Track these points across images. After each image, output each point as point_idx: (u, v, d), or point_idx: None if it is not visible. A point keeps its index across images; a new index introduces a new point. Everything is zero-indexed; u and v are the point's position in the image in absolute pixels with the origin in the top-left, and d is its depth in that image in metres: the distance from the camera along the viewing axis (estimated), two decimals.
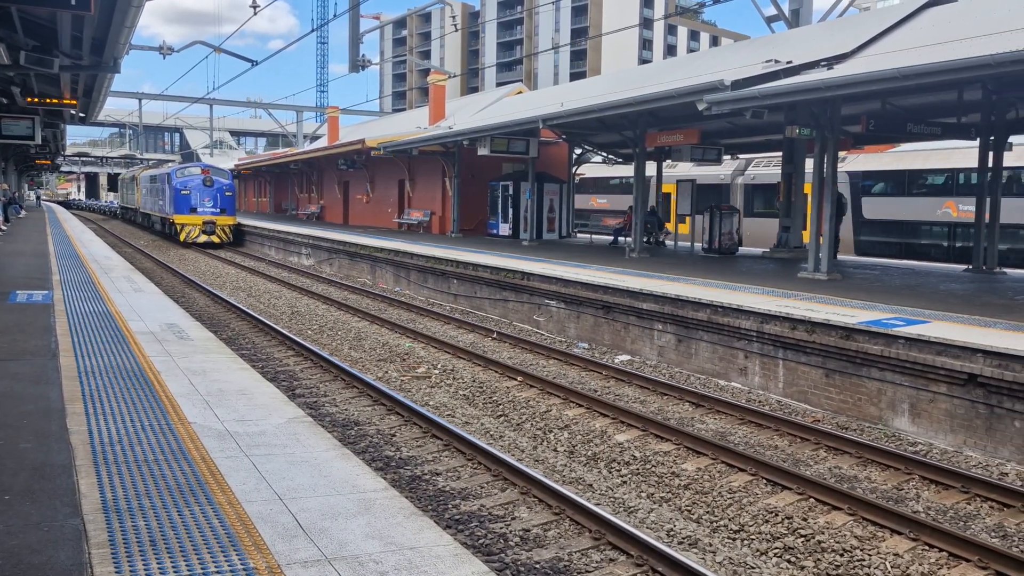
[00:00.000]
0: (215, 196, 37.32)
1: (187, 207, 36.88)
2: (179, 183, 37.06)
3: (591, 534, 6.70)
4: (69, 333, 9.74)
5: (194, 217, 37.00)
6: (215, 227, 37.17)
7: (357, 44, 30.62)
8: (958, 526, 7.17)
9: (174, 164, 46.79)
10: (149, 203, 45.99)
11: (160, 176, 41.69)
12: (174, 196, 36.94)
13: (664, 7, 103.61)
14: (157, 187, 42.35)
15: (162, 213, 40.35)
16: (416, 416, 9.85)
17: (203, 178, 37.31)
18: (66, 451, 5.52)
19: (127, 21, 13.39)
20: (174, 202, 36.99)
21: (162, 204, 40.19)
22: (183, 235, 36.63)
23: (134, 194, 53.71)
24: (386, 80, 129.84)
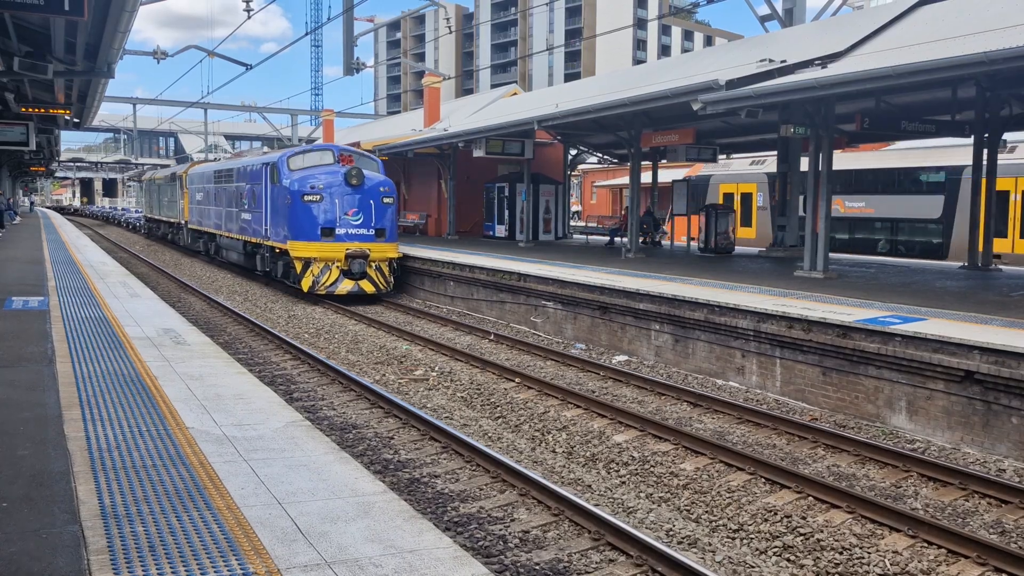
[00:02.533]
0: (367, 205, 20.26)
1: (314, 226, 19.88)
2: (297, 181, 20.12)
3: (590, 535, 6.70)
4: (65, 339, 9.72)
5: (330, 246, 19.86)
6: (367, 264, 19.98)
7: (351, 47, 30.61)
8: (956, 523, 7.19)
9: (283, 150, 24.32)
10: (213, 217, 28.34)
11: (247, 170, 23.91)
12: (289, 206, 20.18)
13: (658, 7, 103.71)
14: (238, 190, 24.68)
15: (252, 236, 23.28)
16: (414, 419, 9.84)
17: (345, 172, 20.06)
18: (64, 457, 5.50)
19: (121, 26, 13.36)
20: (288, 217, 20.25)
21: (251, 220, 23.37)
22: (307, 280, 19.77)
23: (176, 201, 36.24)
24: (381, 83, 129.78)
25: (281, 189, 20.59)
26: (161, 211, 41.94)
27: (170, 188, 38.45)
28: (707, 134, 23.28)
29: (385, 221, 20.53)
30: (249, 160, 24.81)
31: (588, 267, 17.96)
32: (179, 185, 35.37)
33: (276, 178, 21.00)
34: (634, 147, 20.89)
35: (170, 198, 38.67)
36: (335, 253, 19.83)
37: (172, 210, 38.05)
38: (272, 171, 21.42)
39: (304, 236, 19.92)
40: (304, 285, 19.91)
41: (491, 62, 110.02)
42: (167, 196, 39.50)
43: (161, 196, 41.67)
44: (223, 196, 26.88)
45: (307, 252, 19.85)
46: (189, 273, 27.62)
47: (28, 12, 11.60)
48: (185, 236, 34.83)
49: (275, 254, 21.70)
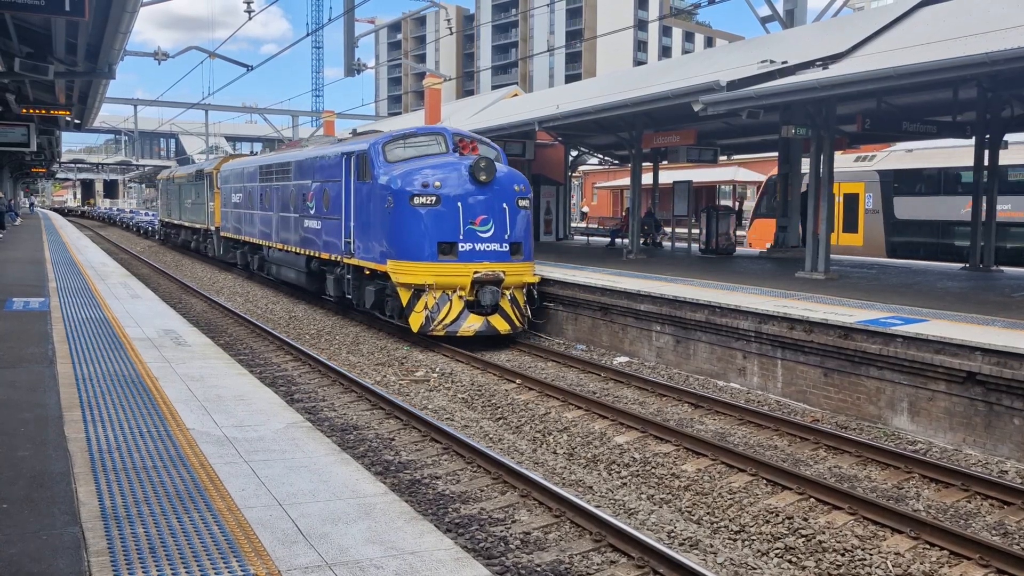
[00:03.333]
0: (499, 210, 14.74)
1: (429, 240, 14.39)
2: (401, 177, 14.63)
3: (592, 536, 6.68)
4: (66, 340, 9.71)
5: (451, 268, 14.34)
6: (500, 292, 14.45)
7: (352, 48, 30.61)
8: (959, 524, 7.17)
9: (368, 134, 19.31)
10: (259, 224, 22.84)
11: (315, 163, 18.38)
12: (391, 212, 14.62)
13: (659, 9, 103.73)
14: (299, 189, 19.24)
15: (321, 251, 17.80)
16: (415, 420, 9.83)
17: (469, 164, 14.54)
18: (64, 459, 5.49)
19: (122, 27, 13.37)
20: (388, 227, 14.72)
21: (321, 230, 17.80)
22: (417, 316, 14.24)
23: (204, 204, 30.22)
24: (381, 84, 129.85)
25: (375, 188, 14.81)
26: (183, 215, 35.31)
27: (195, 188, 32.09)
28: (708, 135, 23.27)
29: (522, 231, 14.78)
30: (316, 151, 18.66)
31: (589, 268, 17.95)
32: (207, 184, 29.45)
33: (366, 173, 15.27)
34: (635, 148, 20.88)
35: (195, 200, 31.96)
36: (458, 278, 13.94)
37: (198, 214, 31.78)
38: (359, 164, 15.58)
39: (413, 254, 14.08)
40: (413, 323, 14.06)
41: (492, 63, 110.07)
42: (191, 197, 32.93)
43: (183, 197, 34.85)
44: (274, 198, 21.24)
45: (417, 277, 13.91)
46: (190, 274, 27.62)
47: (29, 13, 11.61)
48: (216, 246, 28.84)
49: (363, 277, 15.86)
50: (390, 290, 14.84)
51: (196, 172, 32.50)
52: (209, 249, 30.60)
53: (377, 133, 18.04)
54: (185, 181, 34.46)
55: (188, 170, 35.26)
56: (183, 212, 35.37)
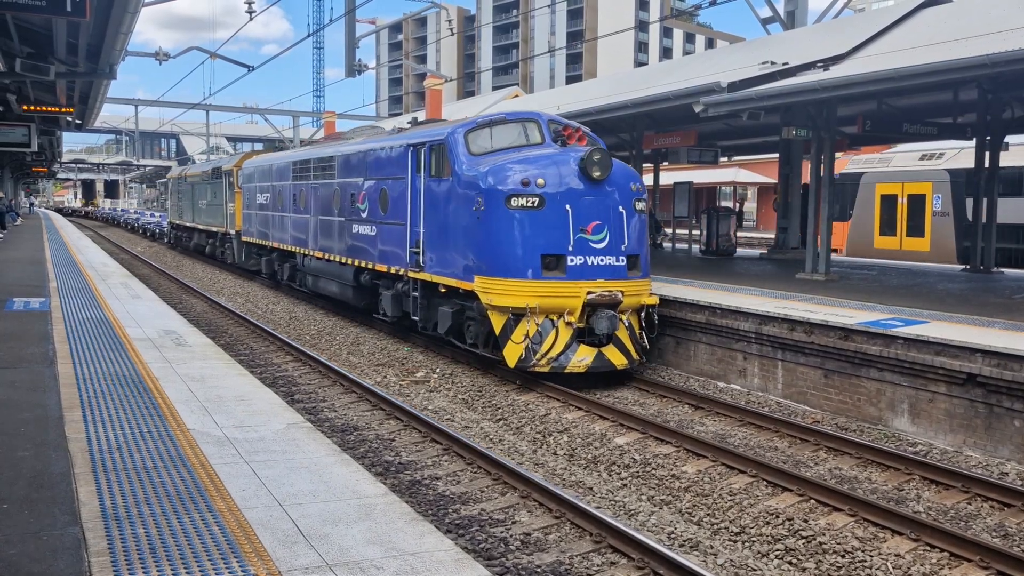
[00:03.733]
0: (615, 214, 11.90)
1: (530, 253, 11.51)
2: (493, 173, 11.83)
3: (592, 537, 6.68)
4: (67, 340, 9.72)
5: (558, 287, 11.43)
6: (617, 317, 11.58)
7: (353, 48, 30.62)
8: (959, 526, 7.16)
9: (442, 122, 16.11)
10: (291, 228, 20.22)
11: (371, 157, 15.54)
12: (481, 217, 11.81)
13: (660, 10, 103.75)
14: (347, 189, 16.63)
15: (378, 262, 15.13)
16: (415, 420, 9.83)
17: (580, 158, 11.68)
18: (64, 459, 5.50)
19: (123, 27, 13.38)
20: (477, 235, 11.94)
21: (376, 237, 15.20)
22: (515, 347, 11.34)
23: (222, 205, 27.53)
24: (382, 84, 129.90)
25: (458, 187, 12.18)
26: (196, 217, 32.16)
27: (211, 188, 29.21)
28: (709, 136, 23.27)
29: (640, 241, 12.10)
30: (369, 143, 15.71)
31: None
32: (226, 184, 26.89)
33: (443, 168, 12.56)
34: (636, 149, 20.89)
35: (211, 200, 29.22)
36: (566, 299, 11.32)
37: (214, 216, 28.92)
38: (433, 157, 12.89)
39: (510, 269, 11.41)
40: (510, 356, 11.37)
41: (492, 64, 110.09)
42: (205, 198, 30.08)
43: (196, 198, 31.84)
44: (311, 198, 18.53)
45: (516, 298, 11.23)
46: (190, 275, 27.62)
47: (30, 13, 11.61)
48: (236, 252, 26.19)
49: (434, 295, 13.24)
50: (475, 313, 12.09)
51: (213, 170, 29.37)
52: (227, 255, 27.75)
53: (444, 122, 15.11)
54: (199, 180, 31.40)
55: (203, 168, 32.18)
56: (196, 214, 32.14)
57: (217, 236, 29.25)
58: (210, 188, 29.48)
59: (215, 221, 29.04)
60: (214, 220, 29.20)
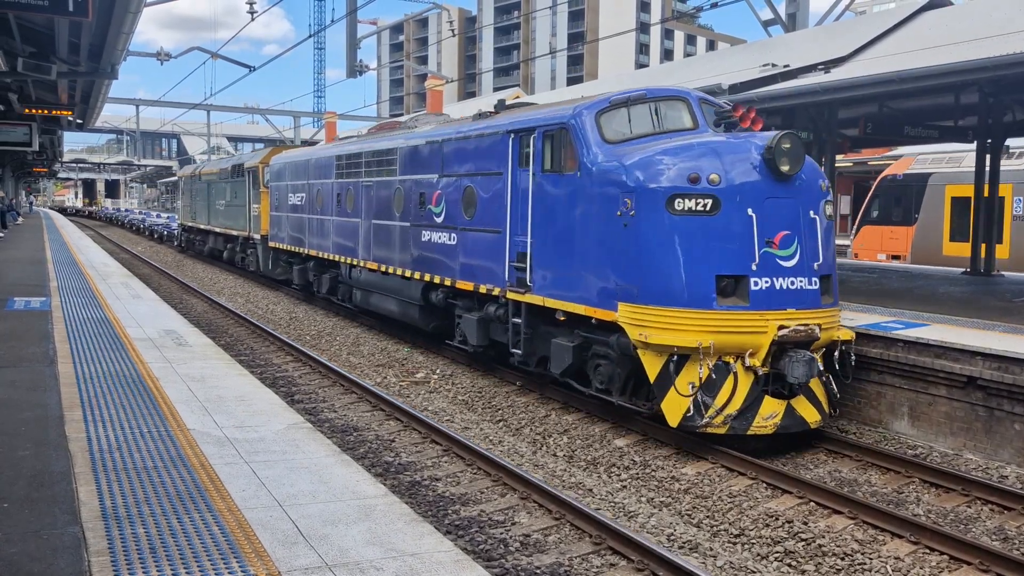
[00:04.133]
0: (806, 222, 8.93)
1: (700, 271, 8.62)
2: (642, 166, 8.93)
3: (591, 539, 6.69)
4: (67, 340, 9.72)
5: (740, 318, 8.47)
6: (815, 359, 8.58)
7: (354, 49, 30.62)
8: (959, 529, 7.16)
9: (562, 103, 11.08)
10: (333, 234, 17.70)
11: (465, 146, 12.24)
12: (629, 224, 8.89)
13: (661, 11, 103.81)
14: (413, 189, 13.84)
15: (458, 278, 12.33)
16: (415, 421, 9.84)
17: (763, 147, 8.76)
18: (65, 458, 5.50)
19: (125, 27, 13.40)
20: (620, 248, 9.04)
21: (457, 247, 12.40)
22: (679, 399, 8.50)
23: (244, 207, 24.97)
24: (383, 85, 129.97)
25: (590, 183, 9.49)
26: (212, 219, 29.32)
27: (230, 187, 26.49)
28: None
29: (831, 255, 9.48)
30: (447, 131, 12.92)
31: None
32: (249, 182, 24.20)
33: (564, 160, 9.92)
34: None
35: (231, 201, 26.52)
36: (750, 335, 8.56)
37: (234, 218, 26.13)
38: (548, 146, 10.24)
39: (672, 296, 8.69)
40: (671, 411, 8.69)
41: (494, 65, 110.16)
42: (224, 198, 27.38)
43: (213, 198, 29.03)
44: (362, 199, 15.89)
45: (681, 334, 8.53)
46: (191, 275, 27.63)
47: (32, 13, 11.63)
48: (261, 259, 23.33)
49: (551, 326, 10.41)
50: (610, 350, 9.34)
51: (233, 167, 26.54)
52: (250, 262, 25.02)
53: (536, 106, 11.98)
54: (216, 178, 28.53)
55: (221, 165, 29.11)
56: (213, 216, 29.36)
57: (237, 241, 26.45)
58: (229, 187, 26.72)
59: (235, 224, 26.15)
60: (234, 223, 26.31)
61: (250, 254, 25.01)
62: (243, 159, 26.89)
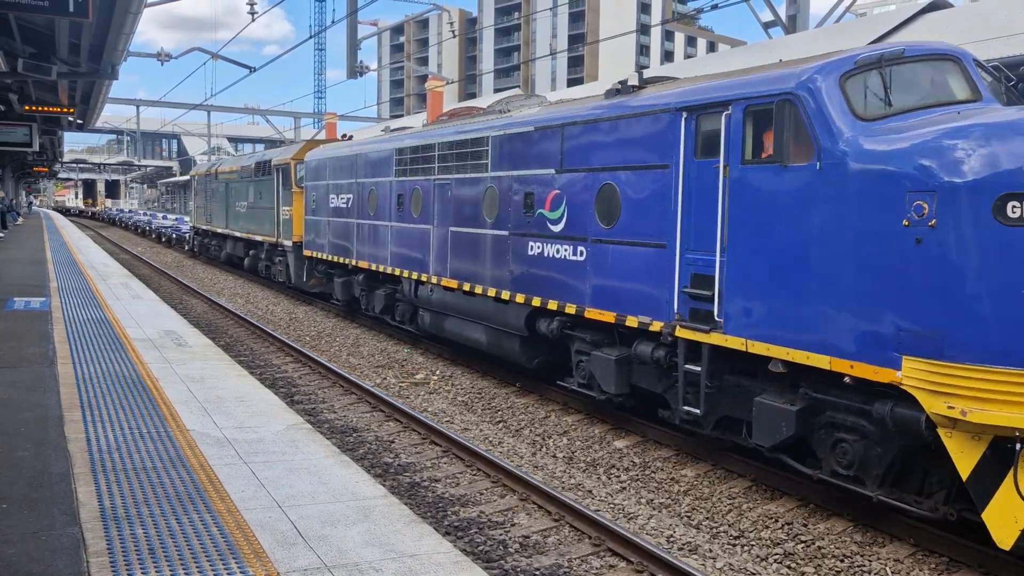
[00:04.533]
0: None
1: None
2: (939, 148, 6.01)
3: (591, 540, 6.68)
4: (67, 340, 9.72)
5: None
6: None
7: (355, 50, 30.66)
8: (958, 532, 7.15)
9: (788, 61, 7.74)
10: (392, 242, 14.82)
11: (601, 131, 9.45)
12: (926, 242, 5.99)
13: (661, 13, 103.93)
14: (547, 185, 10.37)
15: (627, 311, 8.92)
16: (415, 422, 9.83)
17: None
18: (64, 459, 5.50)
19: (125, 28, 13.42)
20: (906, 274, 6.11)
21: (594, 265, 9.51)
22: (1011, 514, 5.64)
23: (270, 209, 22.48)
24: (384, 86, 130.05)
25: (840, 178, 6.73)
26: (231, 222, 26.44)
27: (254, 187, 23.69)
28: None
29: None
30: (573, 112, 10.29)
31: None
32: (278, 181, 21.45)
33: (788, 145, 7.17)
34: None
35: (254, 202, 23.80)
36: None
37: (258, 222, 23.29)
38: (751, 126, 7.64)
39: (1006, 350, 5.79)
40: (1002, 526, 5.85)
41: (494, 66, 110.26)
42: (246, 199, 24.57)
43: (232, 199, 26.22)
44: (438, 202, 13.07)
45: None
46: (191, 275, 27.63)
47: (33, 13, 11.65)
48: (292, 269, 20.54)
49: (752, 381, 7.83)
50: (874, 425, 6.74)
51: (258, 165, 23.62)
52: (278, 272, 22.15)
53: (715, 78, 8.61)
54: (237, 177, 25.66)
55: (243, 162, 26.16)
56: (232, 218, 26.36)
57: (262, 247, 23.60)
58: (253, 187, 23.78)
59: (259, 228, 23.14)
60: (258, 227, 23.29)
61: (278, 263, 22.11)
62: (270, 155, 23.36)
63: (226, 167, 27.85)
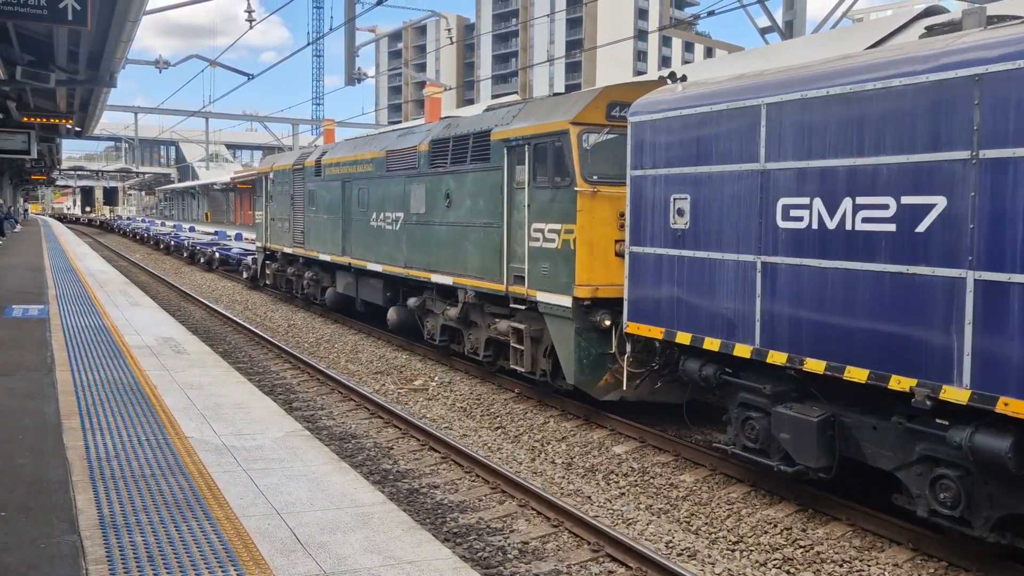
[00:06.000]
0: None
1: None
2: None
3: (590, 546, 6.68)
4: (65, 347, 9.72)
5: None
6: None
7: (353, 57, 30.72)
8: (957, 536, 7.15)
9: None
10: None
11: None
12: None
13: (659, 19, 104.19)
14: None
15: None
16: (414, 429, 9.83)
17: None
18: (63, 466, 5.50)
19: (123, 36, 13.45)
20: None
21: None
22: None
23: (516, 234, 10.65)
24: (382, 93, 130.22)
25: None
26: (354, 247, 16.46)
27: (429, 187, 13.20)
28: None
29: None
30: None
31: None
32: (531, 174, 10.49)
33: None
34: None
35: (426, 216, 13.34)
36: None
37: (443, 254, 12.82)
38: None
39: None
40: None
41: (492, 73, 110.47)
42: (401, 209, 14.27)
43: (361, 209, 16.17)
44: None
45: None
46: (189, 282, 27.62)
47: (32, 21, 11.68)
48: (575, 360, 9.79)
49: None
50: None
51: (456, 142, 12.52)
52: (520, 356, 11.04)
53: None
54: (377, 171, 15.31)
55: (392, 144, 15.01)
56: (362, 240, 16.10)
57: (446, 299, 13.03)
58: (427, 185, 13.31)
59: (450, 264, 12.62)
60: (447, 261, 12.73)
61: (499, 334, 11.48)
62: (485, 120, 11.97)
63: (348, 154, 17.05)
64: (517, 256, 10.73)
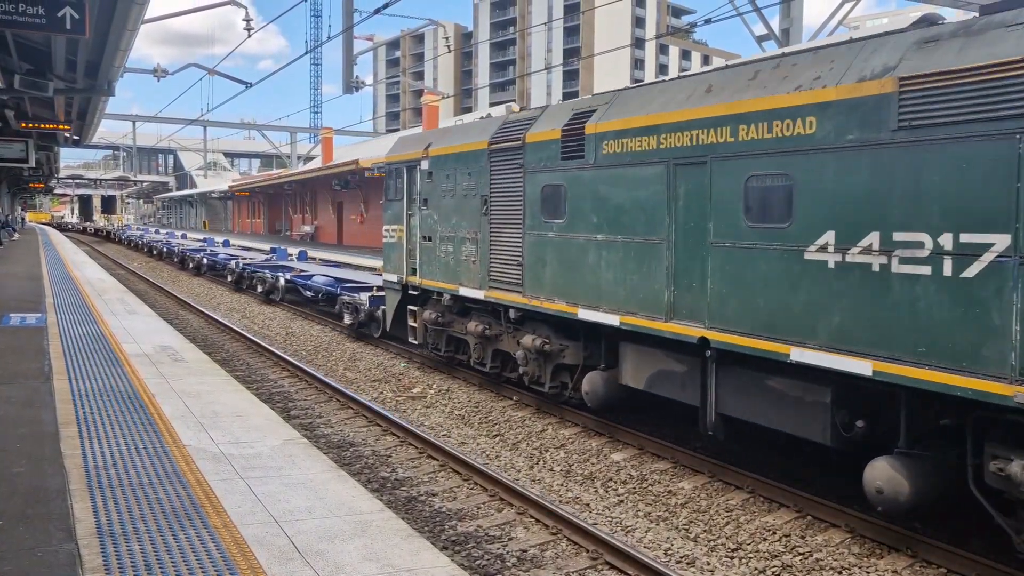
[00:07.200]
0: None
1: None
2: None
3: (588, 554, 6.67)
4: (63, 356, 9.71)
5: None
6: None
7: (351, 65, 30.78)
8: (956, 542, 7.15)
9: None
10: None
11: None
12: None
13: (656, 27, 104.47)
14: None
15: None
16: (412, 436, 9.82)
17: None
18: (60, 475, 5.49)
19: (122, 44, 13.47)
20: None
21: None
22: None
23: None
24: (380, 101, 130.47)
25: None
26: (682, 295, 7.99)
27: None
28: None
29: None
30: None
31: None
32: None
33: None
34: None
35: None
36: None
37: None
38: None
39: None
40: None
41: (490, 80, 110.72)
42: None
43: (694, 222, 7.82)
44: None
45: None
46: (187, 290, 27.60)
47: (30, 30, 11.70)
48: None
49: None
50: None
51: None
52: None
53: None
54: (815, 132, 6.78)
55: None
56: (719, 288, 7.63)
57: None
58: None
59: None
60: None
61: None
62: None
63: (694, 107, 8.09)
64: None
